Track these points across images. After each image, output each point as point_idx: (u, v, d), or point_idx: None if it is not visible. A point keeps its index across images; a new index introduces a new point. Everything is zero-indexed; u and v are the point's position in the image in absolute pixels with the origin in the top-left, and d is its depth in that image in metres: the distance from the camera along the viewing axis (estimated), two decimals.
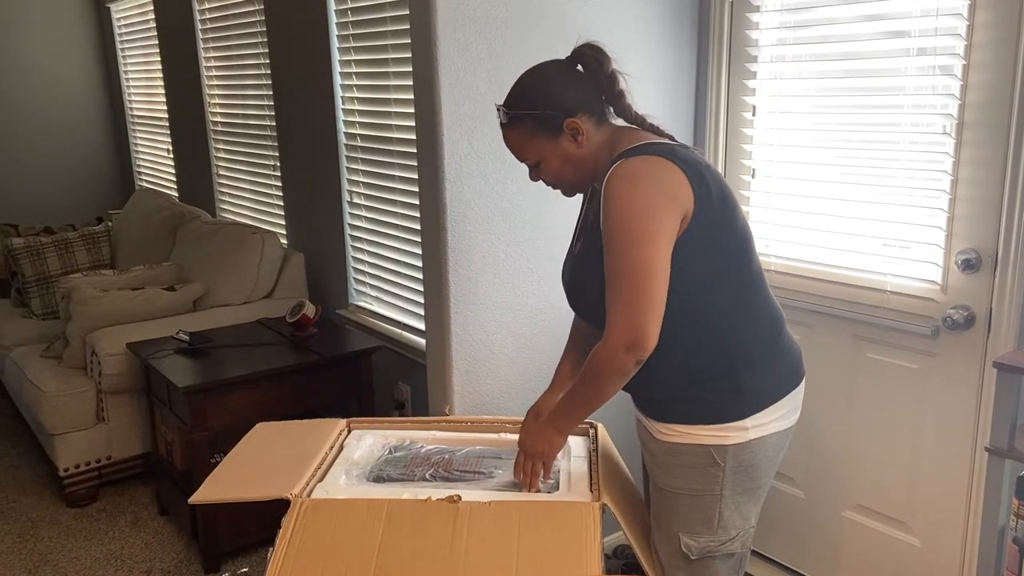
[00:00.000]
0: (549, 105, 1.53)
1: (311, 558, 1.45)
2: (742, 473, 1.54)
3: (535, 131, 1.54)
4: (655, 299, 1.41)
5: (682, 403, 1.54)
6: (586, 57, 1.55)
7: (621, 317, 1.42)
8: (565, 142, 1.54)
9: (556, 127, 1.53)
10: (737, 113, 2.36)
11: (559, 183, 1.61)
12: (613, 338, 1.43)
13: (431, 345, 2.21)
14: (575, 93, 1.53)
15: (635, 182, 1.42)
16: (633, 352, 1.42)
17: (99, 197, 5.45)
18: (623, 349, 1.42)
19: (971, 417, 2.00)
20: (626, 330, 1.41)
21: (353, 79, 3.09)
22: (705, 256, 1.48)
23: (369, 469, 1.71)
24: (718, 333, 1.51)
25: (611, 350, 1.43)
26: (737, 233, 1.51)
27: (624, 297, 1.41)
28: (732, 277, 1.51)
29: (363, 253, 3.24)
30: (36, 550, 2.81)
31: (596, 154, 1.56)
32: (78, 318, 3.09)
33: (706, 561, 1.59)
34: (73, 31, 5.22)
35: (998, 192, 1.87)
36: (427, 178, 2.09)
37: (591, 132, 1.55)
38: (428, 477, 1.68)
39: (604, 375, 1.47)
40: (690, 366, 1.52)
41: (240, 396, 2.65)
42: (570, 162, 1.56)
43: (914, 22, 1.94)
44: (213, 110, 4.24)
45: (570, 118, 1.53)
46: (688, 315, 1.48)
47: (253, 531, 2.69)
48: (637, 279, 1.40)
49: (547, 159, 1.56)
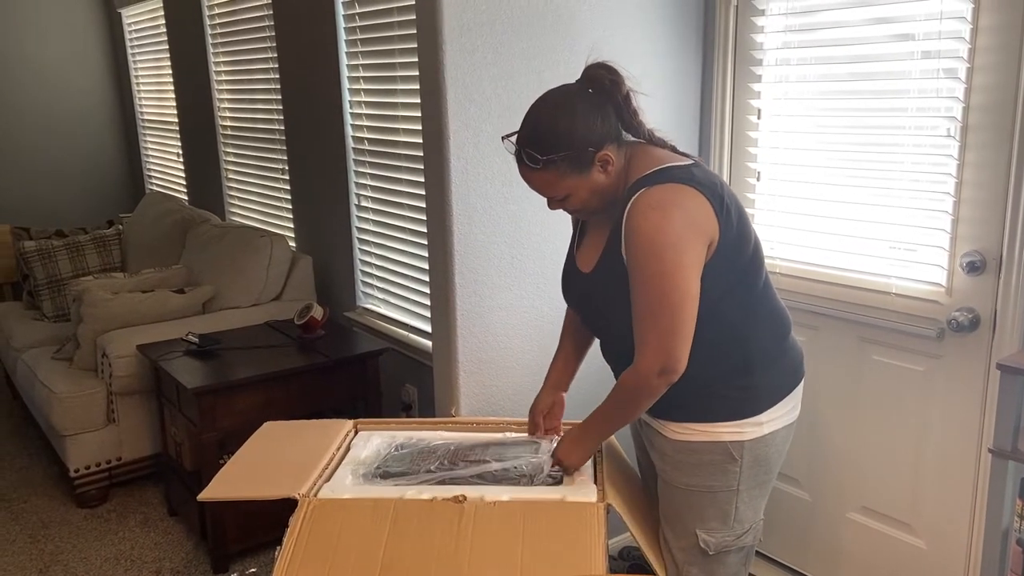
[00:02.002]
0: (580, 143, 1.48)
1: (318, 557, 1.46)
2: (756, 467, 1.58)
3: (566, 172, 1.50)
4: (686, 328, 1.45)
5: (700, 402, 1.57)
6: (602, 79, 1.51)
7: (653, 345, 1.45)
8: (595, 174, 1.52)
9: (587, 163, 1.50)
10: (742, 116, 2.37)
11: (583, 212, 1.59)
12: (646, 364, 1.46)
13: (437, 347, 2.22)
14: (602, 124, 1.50)
15: (664, 215, 1.42)
16: (665, 376, 1.46)
17: (110, 200, 5.49)
18: (656, 375, 1.46)
19: (976, 419, 2.00)
20: (659, 357, 1.45)
21: (361, 83, 3.12)
22: (725, 275, 1.51)
23: (376, 466, 1.72)
24: (733, 343, 1.55)
25: (644, 376, 1.47)
26: (752, 248, 1.54)
27: (657, 327, 1.44)
28: (746, 289, 1.55)
29: (370, 256, 3.26)
30: (47, 550, 2.83)
31: (617, 180, 1.54)
32: (89, 320, 3.12)
33: (721, 556, 1.62)
34: (85, 36, 5.27)
35: (1002, 194, 1.87)
36: (433, 181, 2.10)
37: (617, 159, 1.53)
38: (434, 468, 1.69)
39: (637, 399, 1.51)
40: (709, 367, 1.55)
41: (248, 397, 2.67)
42: (597, 192, 1.54)
43: (918, 25, 1.95)
44: (222, 114, 4.27)
45: (600, 152, 1.50)
46: (704, 330, 1.50)
47: (262, 531, 2.70)
48: (670, 310, 1.43)
49: (576, 193, 1.53)
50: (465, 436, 1.89)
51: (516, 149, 1.54)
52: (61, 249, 3.96)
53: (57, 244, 3.96)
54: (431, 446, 1.81)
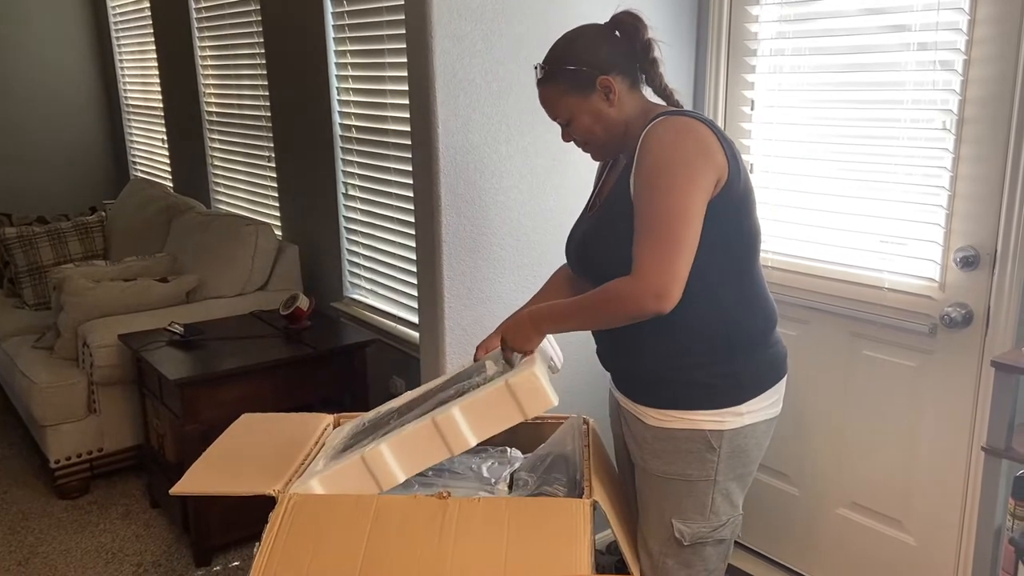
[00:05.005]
0: (582, 62, 1.53)
1: (298, 554, 1.43)
2: (735, 459, 1.56)
3: (568, 88, 1.55)
4: (688, 247, 1.40)
5: (677, 387, 1.54)
6: (624, 23, 1.57)
7: (653, 262, 1.39)
8: (597, 99, 1.55)
9: (589, 84, 1.54)
10: (735, 107, 2.34)
11: (589, 143, 1.61)
12: (644, 281, 1.40)
13: (425, 339, 2.19)
14: (609, 52, 1.55)
15: (678, 134, 1.44)
16: (659, 301, 1.39)
17: (93, 187, 5.42)
18: (651, 295, 1.39)
19: (968, 416, 1.99)
20: (657, 276, 1.39)
21: (349, 69, 3.07)
22: (727, 230, 1.49)
23: (344, 445, 1.69)
24: (721, 318, 1.52)
25: (640, 293, 1.40)
26: (754, 223, 1.55)
27: (659, 242, 1.39)
28: (742, 264, 1.53)
29: (358, 246, 3.22)
30: (27, 542, 2.79)
31: (627, 118, 1.56)
32: (70, 309, 3.07)
33: (697, 547, 1.60)
34: (68, 20, 5.18)
35: (998, 189, 1.85)
36: (422, 170, 2.07)
37: (624, 93, 1.56)
38: (393, 423, 1.65)
39: (620, 308, 1.43)
40: (693, 349, 1.53)
41: (233, 389, 2.63)
42: (600, 121, 1.56)
43: (915, 16, 1.92)
44: (208, 100, 4.21)
45: (603, 76, 1.53)
46: (696, 294, 1.48)
47: (245, 525, 2.67)
48: (674, 225, 1.40)
49: (578, 116, 1.56)
50: (427, 385, 1.85)
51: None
52: (42, 236, 3.90)
53: (38, 231, 3.90)
54: (393, 409, 1.77)
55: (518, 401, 1.48)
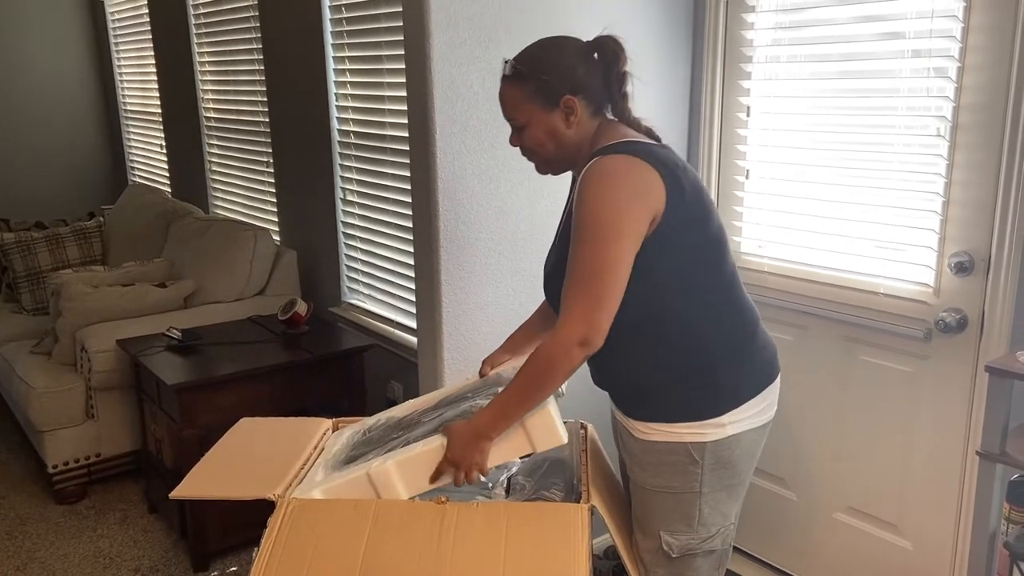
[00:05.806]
0: (555, 75, 1.52)
1: (296, 559, 1.43)
2: (720, 470, 1.56)
3: (532, 95, 1.54)
4: (612, 297, 1.43)
5: (661, 401, 1.55)
6: (605, 48, 1.56)
7: (577, 312, 1.43)
8: (557, 117, 1.54)
9: (554, 99, 1.53)
10: (731, 113, 2.35)
11: (536, 155, 1.60)
12: (566, 332, 1.43)
13: (423, 344, 2.19)
14: (584, 74, 1.54)
15: (609, 179, 1.44)
16: (585, 348, 1.43)
17: (91, 192, 5.42)
18: (577, 344, 1.43)
19: (963, 420, 2.00)
20: (581, 325, 1.42)
21: (347, 75, 3.08)
22: (678, 254, 1.49)
23: (346, 455, 1.69)
24: (694, 330, 1.52)
25: (564, 345, 1.43)
26: (711, 233, 1.53)
27: (583, 292, 1.43)
28: (705, 276, 1.53)
29: (356, 251, 3.22)
30: (24, 547, 2.79)
31: (581, 142, 1.56)
32: (68, 314, 3.07)
33: (687, 559, 1.60)
34: (66, 25, 5.19)
35: (992, 195, 1.86)
36: (420, 176, 2.07)
37: (584, 118, 1.55)
38: (397, 437, 1.65)
39: (554, 368, 1.45)
40: (669, 363, 1.53)
41: (231, 394, 2.63)
42: (555, 138, 1.56)
43: (910, 24, 1.93)
44: (207, 105, 4.22)
45: (571, 96, 1.53)
46: (663, 312, 1.50)
47: (243, 530, 2.67)
48: (598, 275, 1.42)
49: (533, 126, 1.56)
50: (431, 396, 1.85)
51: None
52: (41, 241, 3.90)
53: (37, 236, 3.90)
54: (395, 419, 1.78)
55: (530, 437, 1.52)
